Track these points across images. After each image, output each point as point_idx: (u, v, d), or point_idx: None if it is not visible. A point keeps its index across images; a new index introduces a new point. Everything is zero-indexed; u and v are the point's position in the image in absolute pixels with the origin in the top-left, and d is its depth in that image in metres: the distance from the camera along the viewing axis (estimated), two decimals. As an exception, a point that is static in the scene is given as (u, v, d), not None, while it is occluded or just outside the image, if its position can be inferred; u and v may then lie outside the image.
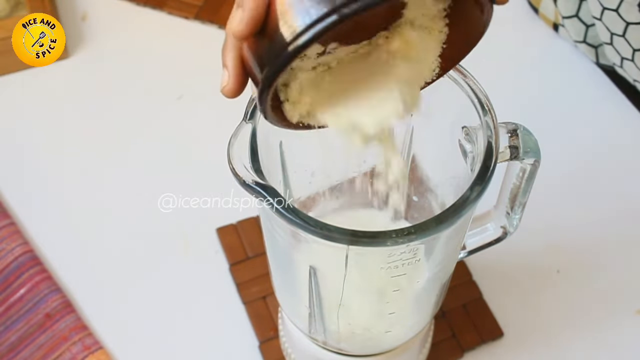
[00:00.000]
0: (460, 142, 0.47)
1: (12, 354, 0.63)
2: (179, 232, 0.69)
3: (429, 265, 0.49)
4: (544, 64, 0.82)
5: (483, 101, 0.45)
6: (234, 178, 0.42)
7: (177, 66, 0.81)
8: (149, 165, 0.74)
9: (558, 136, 0.75)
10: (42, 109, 0.78)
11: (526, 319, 0.66)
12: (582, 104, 0.79)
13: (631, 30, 0.70)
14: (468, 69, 0.46)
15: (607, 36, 0.73)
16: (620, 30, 0.71)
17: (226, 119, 0.50)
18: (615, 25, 0.71)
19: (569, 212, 0.71)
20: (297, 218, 0.40)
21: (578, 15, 0.75)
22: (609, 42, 0.74)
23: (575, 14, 0.75)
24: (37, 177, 0.73)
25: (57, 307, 0.64)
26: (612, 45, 0.74)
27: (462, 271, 0.67)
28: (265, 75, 0.36)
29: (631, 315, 0.66)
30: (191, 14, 0.84)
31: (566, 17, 0.77)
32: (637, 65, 0.72)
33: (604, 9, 0.70)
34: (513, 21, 0.84)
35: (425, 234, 0.41)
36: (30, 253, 0.67)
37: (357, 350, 0.55)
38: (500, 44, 0.82)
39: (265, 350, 0.64)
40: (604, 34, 0.73)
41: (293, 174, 0.51)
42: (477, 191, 0.42)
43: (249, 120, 0.44)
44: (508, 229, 0.53)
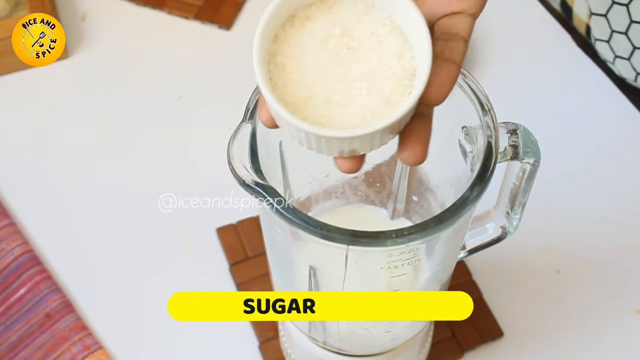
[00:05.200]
0: (460, 142, 0.47)
1: (12, 354, 0.63)
2: (179, 232, 0.69)
3: (429, 265, 0.49)
4: (544, 64, 0.82)
5: (483, 101, 0.45)
6: (234, 178, 0.42)
7: (177, 66, 0.81)
8: (149, 165, 0.74)
9: (558, 136, 0.75)
10: (42, 109, 0.78)
11: (526, 319, 0.66)
12: (582, 104, 0.79)
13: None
14: (468, 69, 0.45)
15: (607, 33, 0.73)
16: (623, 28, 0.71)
17: (226, 119, 0.50)
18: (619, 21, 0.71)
19: (569, 212, 0.71)
20: (297, 218, 0.40)
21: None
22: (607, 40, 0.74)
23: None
24: (37, 177, 0.73)
25: (57, 307, 0.64)
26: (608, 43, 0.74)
27: (462, 271, 0.67)
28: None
29: (631, 315, 0.66)
30: (191, 14, 0.84)
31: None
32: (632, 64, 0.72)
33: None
34: (513, 21, 0.84)
35: (425, 234, 0.41)
36: (30, 253, 0.67)
37: (357, 350, 0.55)
38: (500, 44, 0.82)
39: (265, 350, 0.64)
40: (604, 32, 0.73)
41: (293, 174, 0.51)
42: (477, 191, 0.42)
43: (249, 120, 0.44)
44: (508, 229, 0.53)
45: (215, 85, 0.79)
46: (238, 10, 0.84)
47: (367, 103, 0.38)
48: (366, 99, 0.38)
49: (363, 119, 0.38)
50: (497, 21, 0.83)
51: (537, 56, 0.83)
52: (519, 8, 0.86)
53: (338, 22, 0.39)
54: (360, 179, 0.57)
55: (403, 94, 0.38)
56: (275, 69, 0.39)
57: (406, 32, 0.39)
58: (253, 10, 0.84)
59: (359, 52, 0.39)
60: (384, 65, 0.38)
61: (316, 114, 0.38)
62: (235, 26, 0.84)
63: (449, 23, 0.39)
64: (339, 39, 0.39)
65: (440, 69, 0.37)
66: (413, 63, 0.38)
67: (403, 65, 0.38)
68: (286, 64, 0.39)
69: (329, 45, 0.39)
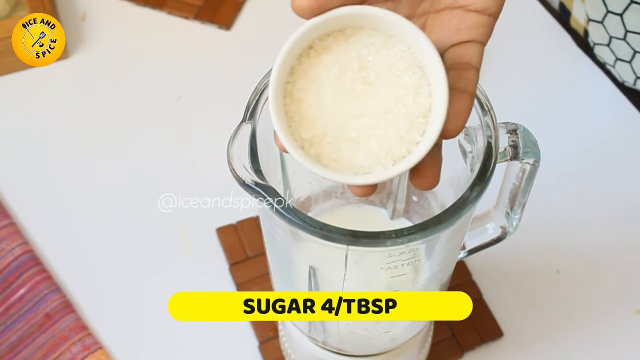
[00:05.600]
0: (459, 142, 0.47)
1: (12, 354, 0.63)
2: (179, 232, 0.69)
3: (429, 265, 0.49)
4: (543, 64, 0.82)
5: (483, 101, 0.45)
6: (234, 178, 0.42)
7: (177, 66, 0.81)
8: (149, 165, 0.74)
9: (558, 136, 0.75)
10: (42, 109, 0.78)
11: (526, 319, 0.66)
12: (582, 104, 0.79)
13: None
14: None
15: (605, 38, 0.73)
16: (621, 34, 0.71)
17: (226, 119, 0.50)
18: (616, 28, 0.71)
19: (569, 212, 0.71)
20: (297, 218, 0.40)
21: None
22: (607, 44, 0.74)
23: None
24: (37, 177, 0.73)
25: (57, 307, 0.64)
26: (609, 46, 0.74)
27: (462, 271, 0.67)
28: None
29: (631, 314, 0.66)
30: (191, 14, 0.84)
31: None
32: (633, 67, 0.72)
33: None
34: (513, 21, 0.84)
35: (425, 234, 0.41)
36: (30, 253, 0.67)
37: (357, 350, 0.55)
38: (499, 44, 0.82)
39: (265, 350, 0.64)
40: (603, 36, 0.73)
41: (292, 174, 0.51)
42: (477, 191, 0.42)
43: (249, 120, 0.44)
44: (508, 229, 0.53)
45: (215, 86, 0.79)
46: (238, 10, 0.85)
47: (383, 143, 0.38)
48: (382, 139, 0.38)
49: (376, 160, 0.38)
50: (497, 21, 0.83)
51: (537, 56, 0.83)
52: (519, 8, 0.85)
53: (355, 55, 0.38)
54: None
55: (418, 132, 0.38)
56: (291, 104, 0.38)
57: (423, 65, 0.38)
58: (253, 10, 0.84)
59: (376, 89, 0.38)
60: (401, 103, 0.38)
61: (331, 150, 0.38)
62: (235, 26, 0.84)
63: (459, 52, 0.39)
64: (356, 72, 0.38)
65: (455, 101, 0.37)
66: (429, 100, 0.38)
67: (419, 103, 0.38)
68: (302, 98, 0.38)
69: (346, 79, 0.38)
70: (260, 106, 0.44)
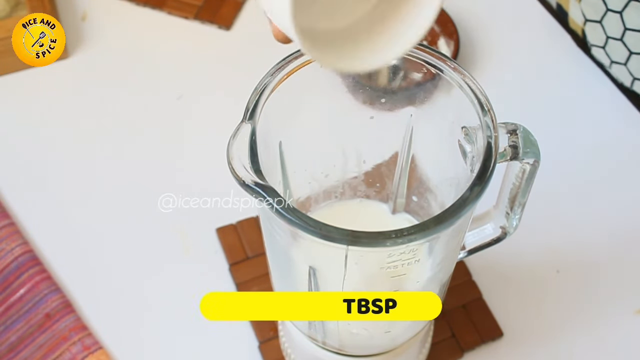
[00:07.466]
0: (459, 142, 0.47)
1: (12, 354, 0.63)
2: (179, 232, 0.69)
3: (429, 266, 0.49)
4: (543, 64, 0.82)
5: (483, 101, 0.45)
6: (234, 178, 0.42)
7: (177, 66, 0.81)
8: (149, 165, 0.74)
9: (558, 136, 0.75)
10: (42, 109, 0.78)
11: (526, 319, 0.66)
12: (582, 104, 0.79)
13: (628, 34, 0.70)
14: (468, 69, 0.46)
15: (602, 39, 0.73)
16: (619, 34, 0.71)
17: (226, 119, 0.50)
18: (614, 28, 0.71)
19: (569, 212, 0.71)
20: (297, 218, 0.40)
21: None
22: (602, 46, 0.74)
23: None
24: (36, 177, 0.73)
25: (57, 307, 0.64)
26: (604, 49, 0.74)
27: (462, 271, 0.67)
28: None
29: (631, 315, 0.66)
30: (191, 14, 0.84)
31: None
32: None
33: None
34: (513, 21, 0.84)
35: (425, 234, 0.41)
36: (30, 253, 0.67)
37: (357, 350, 0.55)
38: (499, 44, 0.82)
39: (265, 350, 0.64)
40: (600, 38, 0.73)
41: (292, 174, 0.51)
42: (477, 191, 0.42)
43: (249, 120, 0.44)
44: (508, 229, 0.53)
45: (215, 86, 0.79)
46: (238, 10, 0.85)
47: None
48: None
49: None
50: (496, 21, 0.83)
51: (537, 56, 0.83)
52: (518, 8, 0.86)
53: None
54: (360, 179, 0.57)
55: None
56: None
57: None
58: (253, 10, 0.84)
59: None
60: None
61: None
62: (235, 26, 0.84)
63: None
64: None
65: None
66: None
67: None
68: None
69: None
70: (260, 106, 0.44)
